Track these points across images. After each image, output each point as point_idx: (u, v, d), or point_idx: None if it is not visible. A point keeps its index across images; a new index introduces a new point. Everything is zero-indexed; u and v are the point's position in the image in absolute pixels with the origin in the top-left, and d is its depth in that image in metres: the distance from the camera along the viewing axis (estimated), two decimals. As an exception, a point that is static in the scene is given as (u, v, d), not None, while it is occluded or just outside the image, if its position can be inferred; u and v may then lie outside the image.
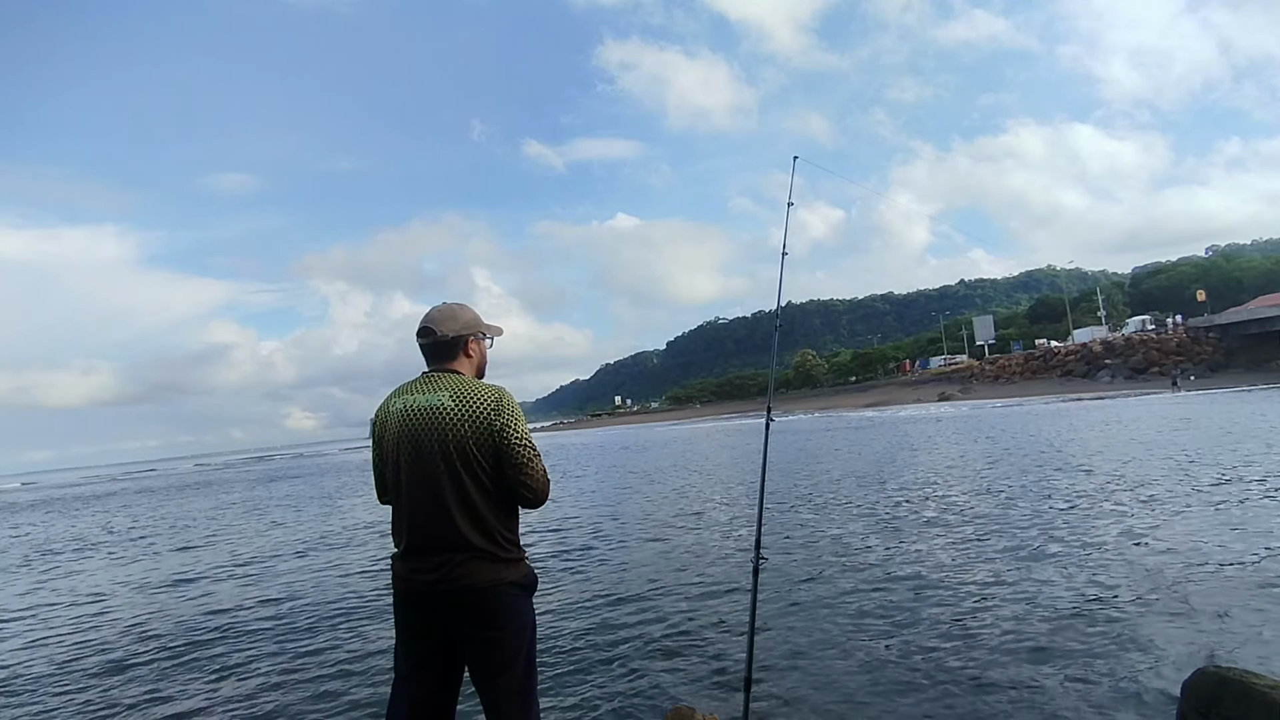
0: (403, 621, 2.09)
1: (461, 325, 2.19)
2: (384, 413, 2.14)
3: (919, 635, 4.24)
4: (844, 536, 7.31)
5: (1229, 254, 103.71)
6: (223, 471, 53.58)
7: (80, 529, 16.67)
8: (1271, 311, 50.12)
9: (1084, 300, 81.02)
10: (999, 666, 3.68)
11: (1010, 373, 61.73)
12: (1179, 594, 4.61)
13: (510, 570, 2.06)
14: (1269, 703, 2.38)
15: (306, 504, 17.38)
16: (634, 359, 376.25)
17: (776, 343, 3.58)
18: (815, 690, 3.61)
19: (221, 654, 5.17)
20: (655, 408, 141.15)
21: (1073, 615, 4.36)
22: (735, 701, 3.39)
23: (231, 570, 8.64)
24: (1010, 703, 3.28)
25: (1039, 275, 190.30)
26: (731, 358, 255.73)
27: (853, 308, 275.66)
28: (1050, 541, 6.31)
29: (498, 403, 2.07)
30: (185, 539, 12.45)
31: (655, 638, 4.65)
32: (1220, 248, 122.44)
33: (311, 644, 5.18)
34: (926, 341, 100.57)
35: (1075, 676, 3.49)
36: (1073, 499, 8.36)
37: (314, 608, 6.29)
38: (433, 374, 2.16)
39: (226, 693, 4.34)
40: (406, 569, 2.05)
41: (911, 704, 3.37)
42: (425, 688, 2.04)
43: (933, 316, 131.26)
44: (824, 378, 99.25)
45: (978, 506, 8.42)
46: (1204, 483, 8.67)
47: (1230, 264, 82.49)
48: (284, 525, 13.11)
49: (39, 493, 45.33)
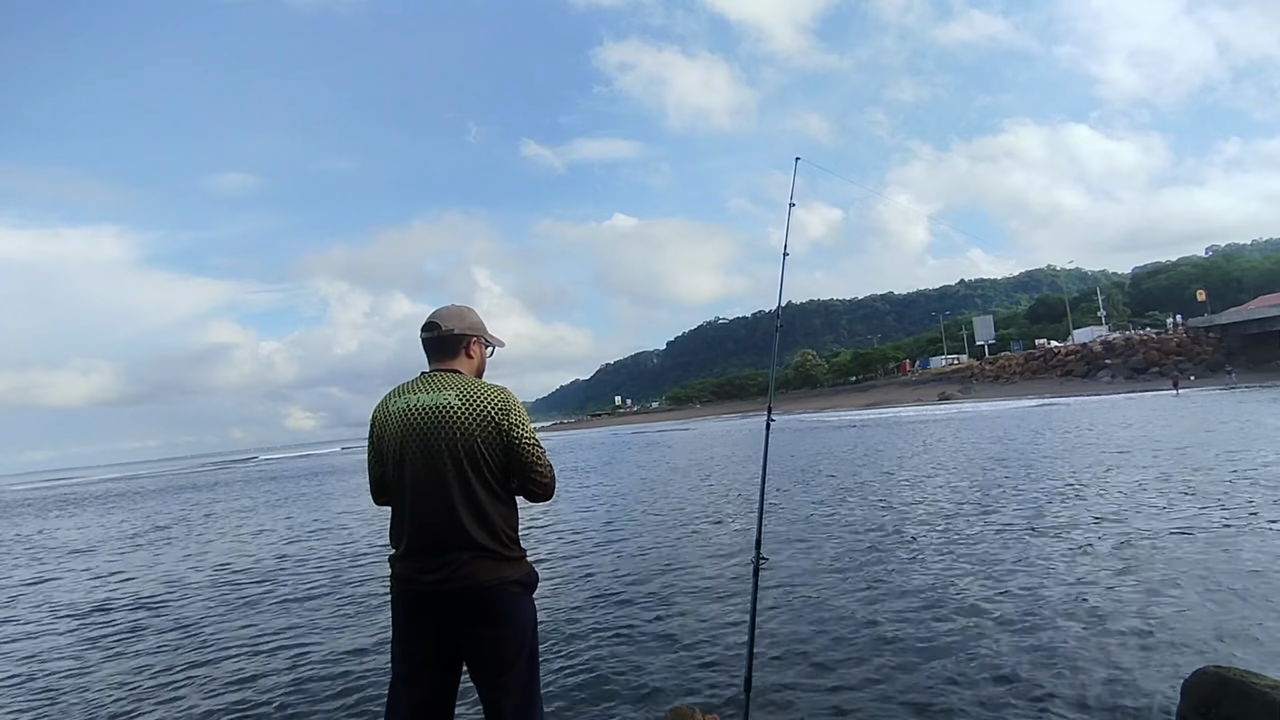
0: (402, 622, 2.08)
1: (467, 325, 2.21)
2: (383, 413, 2.13)
3: (919, 635, 4.24)
4: (844, 537, 7.30)
5: (1229, 254, 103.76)
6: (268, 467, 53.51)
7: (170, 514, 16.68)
8: (1271, 311, 50.12)
9: (1084, 300, 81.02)
10: (999, 666, 3.68)
11: (1010, 373, 61.70)
12: (1179, 594, 4.61)
13: (513, 569, 2.06)
14: (1269, 703, 2.38)
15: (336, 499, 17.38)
16: (634, 359, 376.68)
17: (778, 343, 3.58)
18: (816, 691, 3.61)
19: (221, 653, 5.17)
20: (655, 408, 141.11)
21: (1073, 615, 4.36)
22: (735, 702, 3.39)
23: (235, 566, 8.65)
24: (1011, 703, 3.28)
25: (1039, 275, 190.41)
26: (731, 358, 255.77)
27: (853, 308, 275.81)
28: (1050, 541, 6.31)
29: (504, 402, 2.08)
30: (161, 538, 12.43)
31: (655, 637, 4.65)
32: (1220, 248, 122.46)
33: (310, 644, 5.17)
34: (926, 341, 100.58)
35: (1075, 676, 3.49)
36: (1072, 499, 8.35)
37: (314, 608, 6.30)
38: (434, 373, 2.16)
39: (225, 692, 4.33)
40: (409, 569, 2.04)
41: (912, 704, 3.37)
42: (426, 688, 2.04)
43: (933, 316, 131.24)
44: (824, 378, 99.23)
45: (977, 507, 8.41)
46: (1204, 483, 8.67)
47: (1230, 264, 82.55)
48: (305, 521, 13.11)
49: (134, 483, 45.25)
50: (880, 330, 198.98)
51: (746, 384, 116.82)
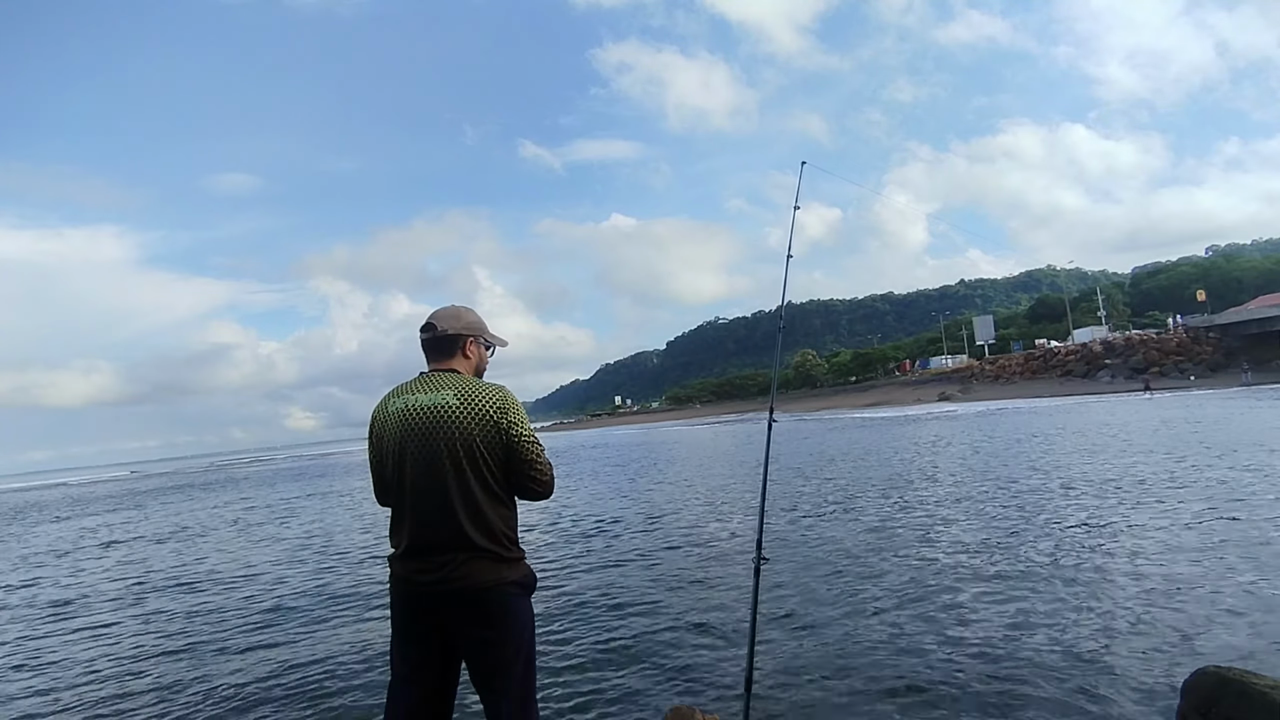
0: (401, 622, 2.08)
1: (463, 325, 2.21)
2: (382, 413, 2.13)
3: (919, 635, 4.24)
4: (845, 537, 7.31)
5: (1229, 254, 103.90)
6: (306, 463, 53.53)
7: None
8: (1271, 311, 50.14)
9: (1084, 300, 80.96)
10: (999, 667, 3.68)
11: (1010, 373, 61.69)
12: (1179, 594, 4.60)
13: (511, 570, 2.05)
14: (1269, 703, 2.39)
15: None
16: (634, 359, 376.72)
17: (780, 344, 3.58)
18: (816, 691, 3.61)
19: (218, 652, 5.17)
20: (655, 408, 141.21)
21: (1072, 615, 4.35)
22: (736, 702, 3.39)
23: (240, 569, 8.65)
24: (1011, 703, 3.28)
25: (1039, 275, 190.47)
26: (731, 358, 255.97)
27: (853, 308, 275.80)
28: (1049, 541, 6.31)
29: (503, 402, 2.08)
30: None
31: (655, 637, 4.65)
32: (1220, 248, 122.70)
33: (309, 643, 5.17)
34: (926, 341, 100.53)
35: (1075, 676, 3.48)
36: (1071, 499, 8.35)
37: (314, 606, 6.30)
38: (433, 373, 2.16)
39: (225, 692, 4.33)
40: (407, 569, 2.04)
41: (912, 704, 3.37)
42: (423, 689, 2.03)
43: (933, 316, 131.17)
44: (824, 378, 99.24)
45: (977, 507, 8.41)
46: (1202, 483, 8.66)
47: (1230, 264, 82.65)
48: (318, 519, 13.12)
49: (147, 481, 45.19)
50: (880, 330, 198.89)
51: (746, 384, 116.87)
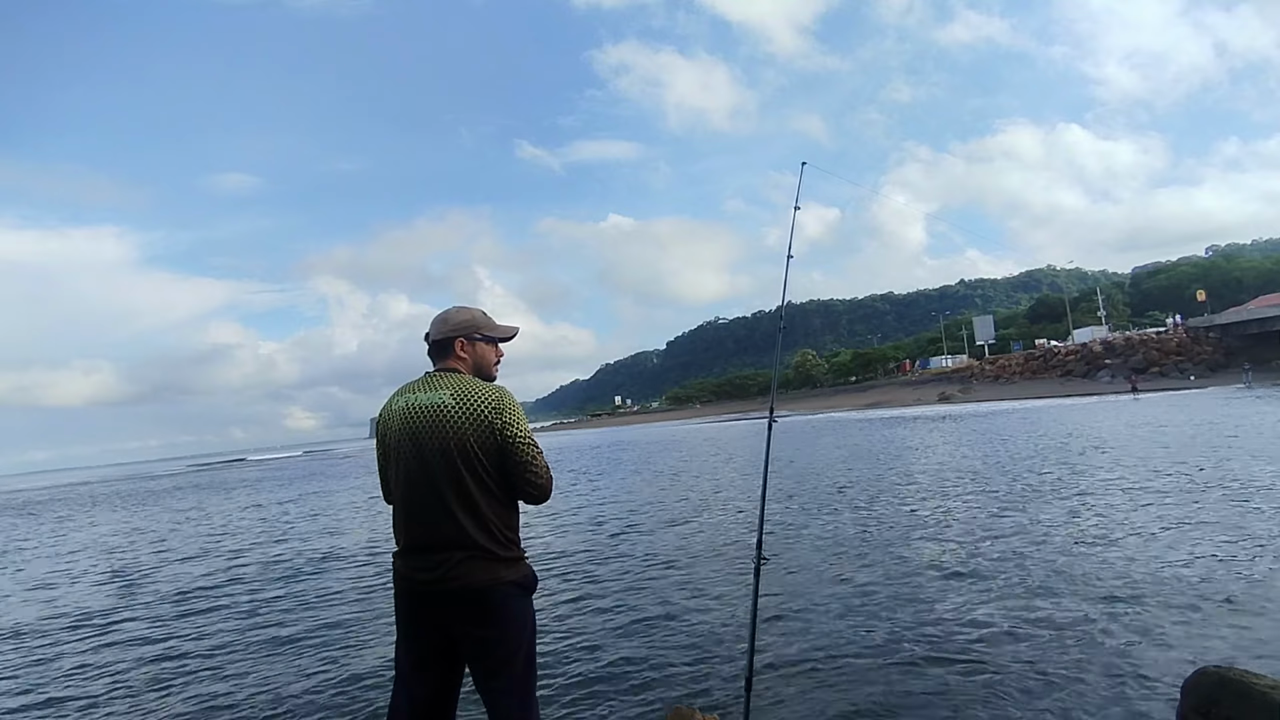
0: (403, 620, 2.10)
1: (450, 328, 2.22)
2: (386, 412, 2.16)
3: (920, 634, 4.24)
4: (846, 537, 7.31)
5: (1229, 254, 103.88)
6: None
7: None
8: (1271, 311, 50.11)
9: (1084, 300, 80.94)
10: (999, 667, 3.68)
11: (1010, 373, 61.64)
12: (1179, 594, 4.60)
13: (510, 569, 2.06)
14: (1269, 703, 2.39)
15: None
16: (634, 359, 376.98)
17: (780, 344, 3.58)
18: (816, 690, 3.61)
19: (217, 654, 5.17)
20: (655, 408, 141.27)
21: (1072, 615, 4.36)
22: (736, 702, 3.39)
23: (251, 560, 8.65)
24: (1011, 703, 3.28)
25: (1039, 275, 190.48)
26: (731, 358, 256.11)
27: (853, 308, 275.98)
28: (1049, 541, 6.31)
29: (499, 402, 2.09)
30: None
31: (655, 636, 4.65)
32: (1220, 248, 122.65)
33: (311, 642, 5.18)
34: (926, 341, 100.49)
35: (1075, 676, 3.49)
36: (1070, 498, 8.34)
37: (312, 607, 6.31)
38: (435, 373, 2.20)
39: (224, 692, 4.34)
40: (407, 567, 2.07)
41: (912, 704, 3.37)
42: (426, 686, 2.05)
43: (933, 316, 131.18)
44: (824, 378, 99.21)
45: (977, 506, 8.42)
46: (1201, 483, 8.66)
47: (1230, 264, 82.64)
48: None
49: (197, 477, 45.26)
50: (880, 330, 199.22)
51: (746, 384, 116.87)
